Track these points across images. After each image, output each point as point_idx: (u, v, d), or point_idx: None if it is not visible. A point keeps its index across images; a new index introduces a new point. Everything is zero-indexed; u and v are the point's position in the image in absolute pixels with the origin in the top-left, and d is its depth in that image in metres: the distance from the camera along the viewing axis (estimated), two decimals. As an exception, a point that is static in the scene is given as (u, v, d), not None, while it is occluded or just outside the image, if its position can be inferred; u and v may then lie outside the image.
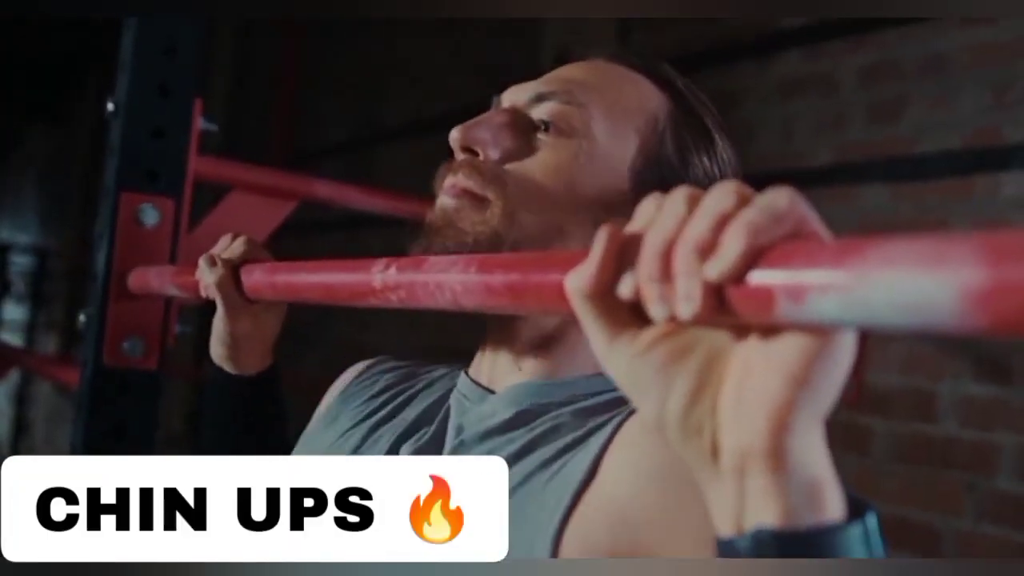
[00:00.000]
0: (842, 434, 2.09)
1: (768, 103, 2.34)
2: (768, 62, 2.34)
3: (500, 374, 0.82)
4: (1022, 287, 0.35)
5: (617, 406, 0.74)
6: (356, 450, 0.84)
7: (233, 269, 0.92)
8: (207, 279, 0.93)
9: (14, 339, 7.55)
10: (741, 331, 0.48)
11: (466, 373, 0.85)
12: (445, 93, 3.62)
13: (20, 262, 8.01)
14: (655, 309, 0.46)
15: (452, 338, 3.42)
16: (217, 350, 0.97)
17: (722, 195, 0.46)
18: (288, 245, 0.96)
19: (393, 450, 0.81)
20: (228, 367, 0.97)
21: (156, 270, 1.21)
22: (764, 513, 0.44)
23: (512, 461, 0.72)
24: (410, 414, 0.85)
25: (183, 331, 1.36)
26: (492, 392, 0.81)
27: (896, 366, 1.98)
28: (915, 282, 0.38)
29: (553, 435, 0.74)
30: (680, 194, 0.48)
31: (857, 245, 0.42)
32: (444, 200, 0.81)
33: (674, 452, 0.49)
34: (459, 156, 0.83)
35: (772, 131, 2.32)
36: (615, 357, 0.50)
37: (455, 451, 0.78)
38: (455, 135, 0.83)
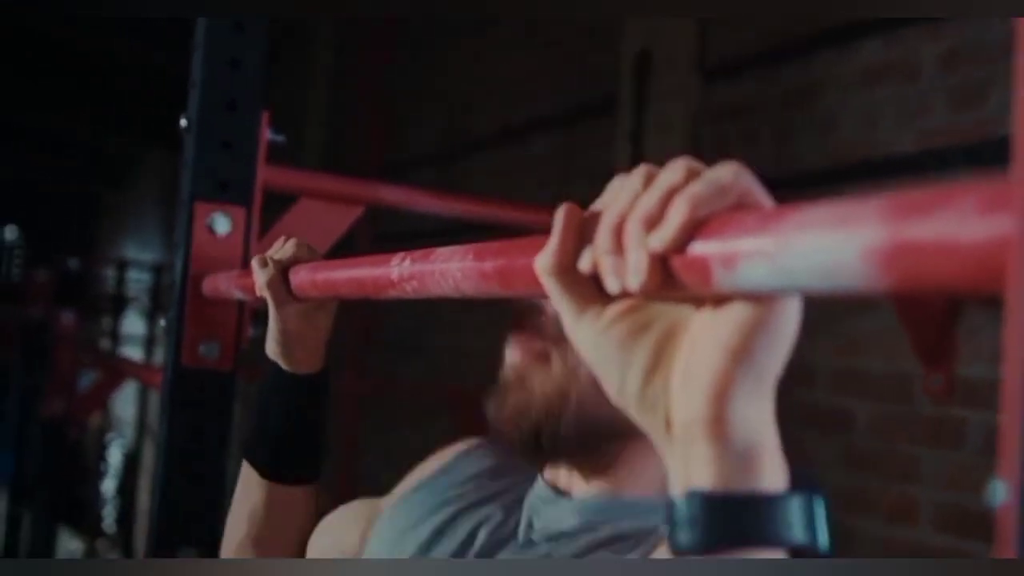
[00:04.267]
0: (934, 428, 2.03)
1: (849, 92, 2.29)
2: (848, 51, 2.30)
3: (573, 482, 0.89)
4: (920, 245, 0.36)
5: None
6: (439, 530, 0.93)
7: (283, 269, 0.97)
8: (259, 279, 0.98)
9: (135, 352, 7.91)
10: (696, 307, 0.49)
11: (542, 476, 0.92)
12: (531, 100, 3.66)
13: (139, 278, 8.39)
14: (609, 282, 0.48)
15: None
16: (271, 347, 1.02)
17: (673, 170, 0.48)
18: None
19: (470, 537, 0.91)
20: (282, 363, 1.02)
21: (225, 275, 1.27)
22: (701, 478, 0.45)
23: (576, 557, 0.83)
24: (491, 506, 0.94)
25: (257, 334, 1.42)
26: (565, 496, 0.89)
27: (986, 355, 1.91)
28: (826, 245, 0.39)
29: (614, 541, 0.83)
30: (639, 172, 0.49)
31: (779, 212, 0.43)
32: (511, 357, 0.89)
33: None
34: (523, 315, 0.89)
35: (854, 121, 2.28)
36: (582, 332, 0.52)
37: (525, 545, 0.88)
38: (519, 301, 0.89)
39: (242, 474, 1.05)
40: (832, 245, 0.39)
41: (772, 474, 0.46)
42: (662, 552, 0.60)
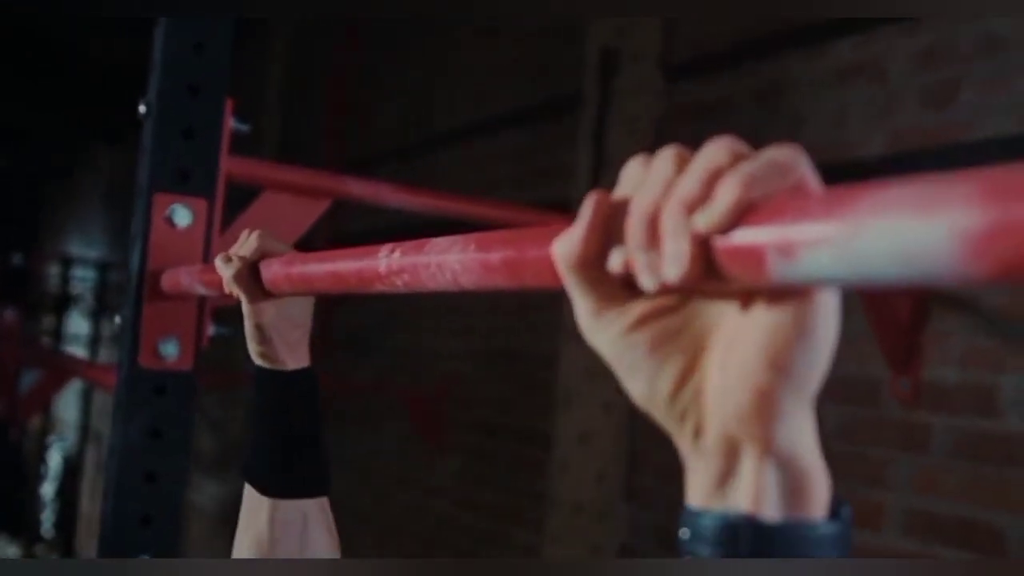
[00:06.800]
0: (900, 433, 2.02)
1: (819, 92, 2.28)
2: (819, 50, 2.28)
3: None
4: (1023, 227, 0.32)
5: None
6: None
7: (250, 264, 0.92)
8: (225, 275, 0.93)
9: (79, 353, 7.70)
10: (728, 310, 0.45)
11: None
12: (494, 97, 3.61)
13: (84, 276, 8.17)
14: (645, 279, 0.44)
15: (502, 342, 3.40)
16: (251, 347, 0.97)
17: (715, 151, 0.43)
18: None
19: None
20: (263, 363, 0.96)
21: (186, 270, 1.21)
22: (741, 496, 0.42)
23: None
24: None
25: (219, 332, 1.35)
26: None
27: (955, 360, 1.90)
28: (910, 229, 0.35)
29: None
30: (668, 154, 0.45)
31: (849, 194, 0.39)
32: None
33: None
34: None
35: (824, 120, 2.26)
36: (601, 332, 0.47)
37: None
38: None
39: (244, 503, 0.94)
40: (917, 229, 0.35)
41: (816, 497, 0.42)
42: None
